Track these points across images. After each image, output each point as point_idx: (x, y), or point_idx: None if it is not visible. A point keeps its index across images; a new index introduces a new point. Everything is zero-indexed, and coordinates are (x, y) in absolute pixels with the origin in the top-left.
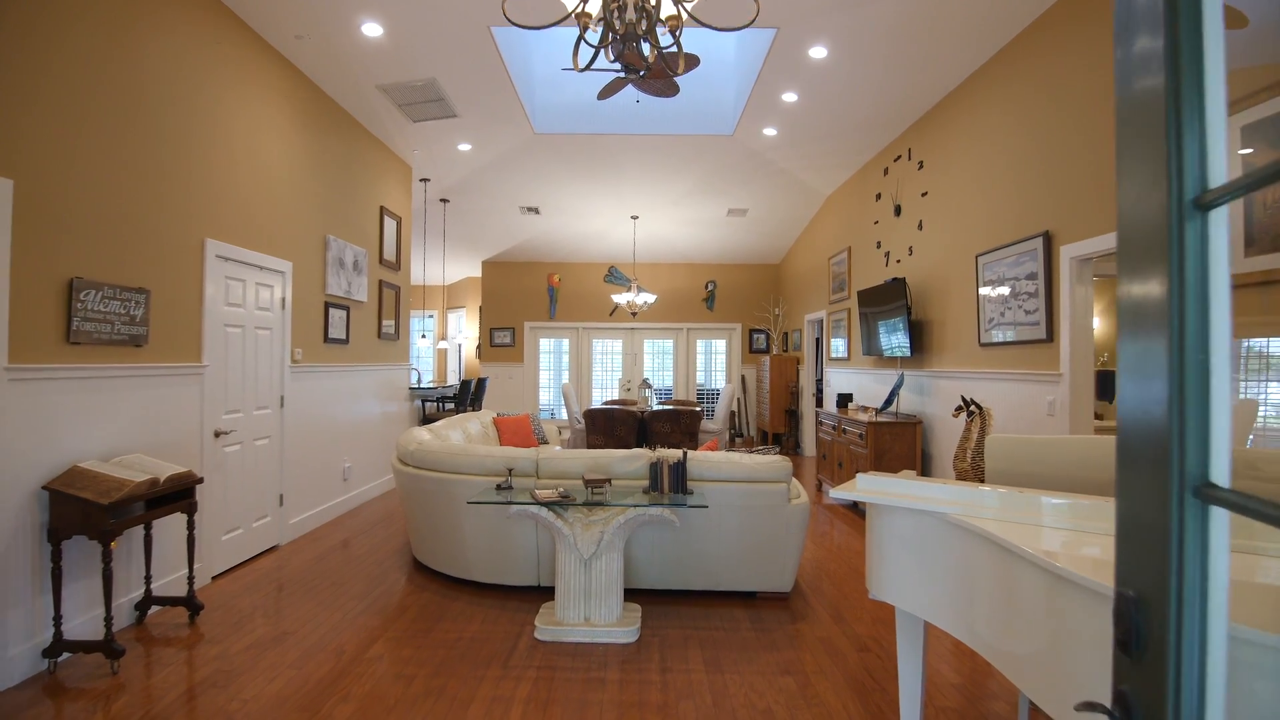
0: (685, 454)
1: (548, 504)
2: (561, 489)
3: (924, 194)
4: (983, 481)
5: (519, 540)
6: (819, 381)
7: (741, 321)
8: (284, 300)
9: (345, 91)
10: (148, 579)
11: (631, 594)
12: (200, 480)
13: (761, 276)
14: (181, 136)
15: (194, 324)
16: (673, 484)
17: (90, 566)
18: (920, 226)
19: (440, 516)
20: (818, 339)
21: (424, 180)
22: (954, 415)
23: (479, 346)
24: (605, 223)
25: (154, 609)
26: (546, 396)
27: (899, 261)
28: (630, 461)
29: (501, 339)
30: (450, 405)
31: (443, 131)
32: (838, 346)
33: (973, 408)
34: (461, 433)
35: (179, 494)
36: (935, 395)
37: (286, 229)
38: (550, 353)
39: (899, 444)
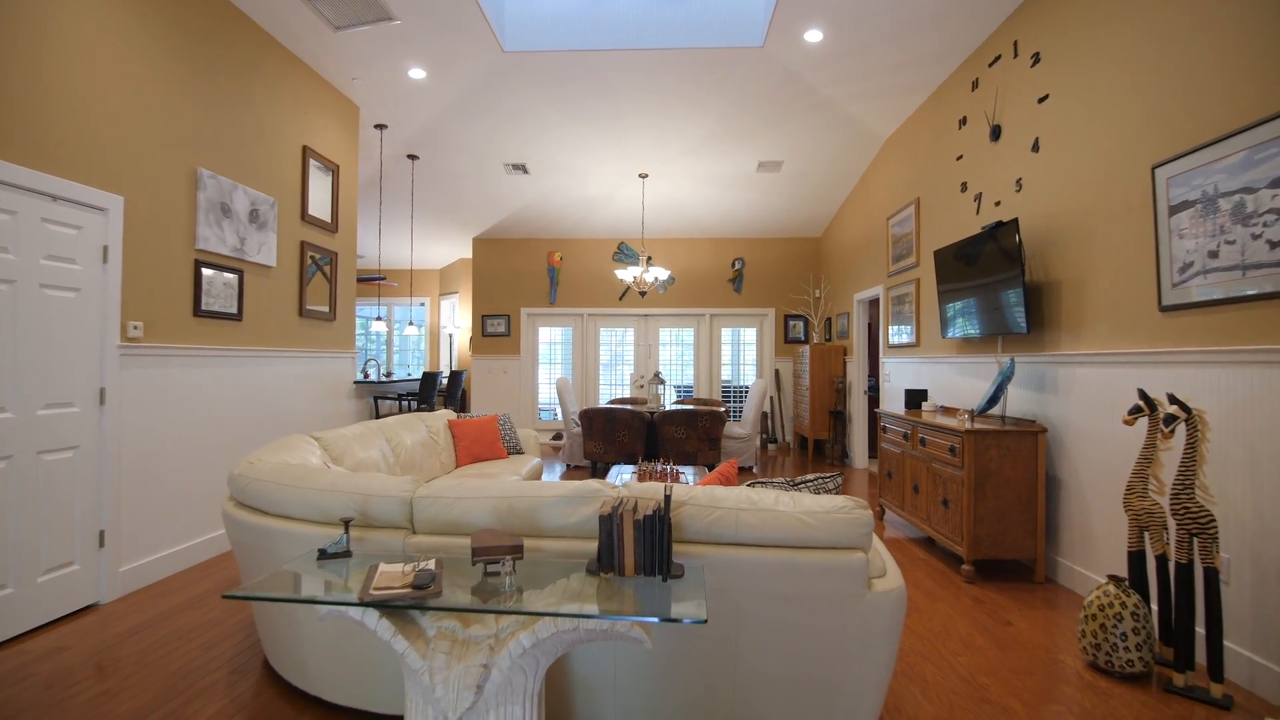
0: (669, 495)
1: (381, 604)
2: (427, 565)
3: (1042, 99)
4: (1199, 532)
5: (384, 644)
6: (872, 376)
7: (775, 306)
8: (106, 250)
9: None
10: None
11: None
12: None
13: (799, 252)
14: None
15: None
16: (644, 557)
17: None
18: (1035, 147)
19: None
20: (870, 324)
21: (380, 127)
22: (1126, 421)
23: (472, 337)
24: (608, 184)
25: None
26: (547, 393)
27: (998, 204)
28: (570, 507)
29: (495, 327)
30: (423, 405)
31: (382, 46)
32: (900, 330)
33: (1173, 409)
34: (385, 444)
35: None
36: (1066, 390)
37: (115, 148)
38: (557, 343)
39: (1010, 463)
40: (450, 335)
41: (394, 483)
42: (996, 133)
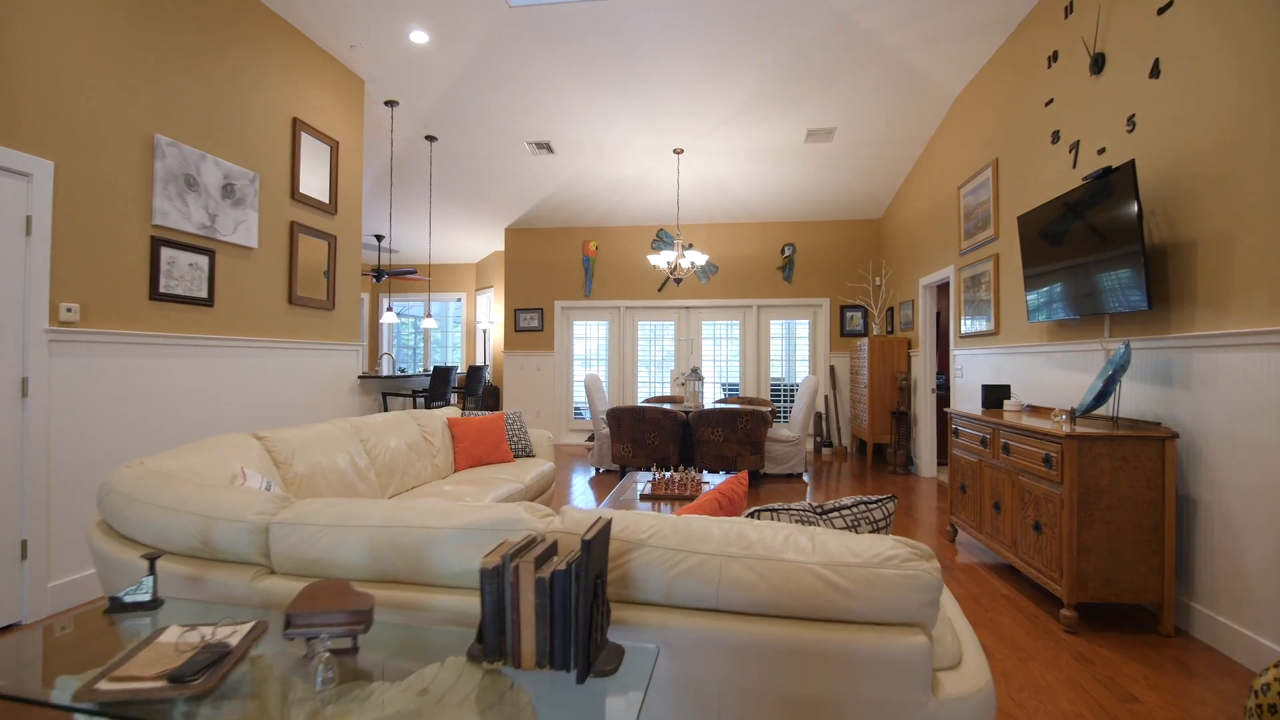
0: (587, 540)
1: (104, 711)
2: (226, 636)
3: (1164, 8)
4: None
5: None
6: (941, 373)
7: (830, 296)
8: (30, 221)
9: None
10: None
11: None
12: None
13: (856, 235)
14: None
15: None
16: (553, 637)
17: None
18: (1154, 72)
19: None
20: (939, 313)
21: (390, 104)
22: None
23: (505, 333)
24: (641, 162)
25: None
26: (582, 391)
27: (1102, 151)
28: (474, 546)
29: (528, 322)
30: (436, 402)
31: (377, 3)
32: (975, 317)
33: None
34: (358, 445)
35: None
36: (1205, 383)
37: (43, 105)
38: (594, 338)
39: (1127, 477)
40: (484, 331)
41: (252, 501)
42: (1099, 63)
